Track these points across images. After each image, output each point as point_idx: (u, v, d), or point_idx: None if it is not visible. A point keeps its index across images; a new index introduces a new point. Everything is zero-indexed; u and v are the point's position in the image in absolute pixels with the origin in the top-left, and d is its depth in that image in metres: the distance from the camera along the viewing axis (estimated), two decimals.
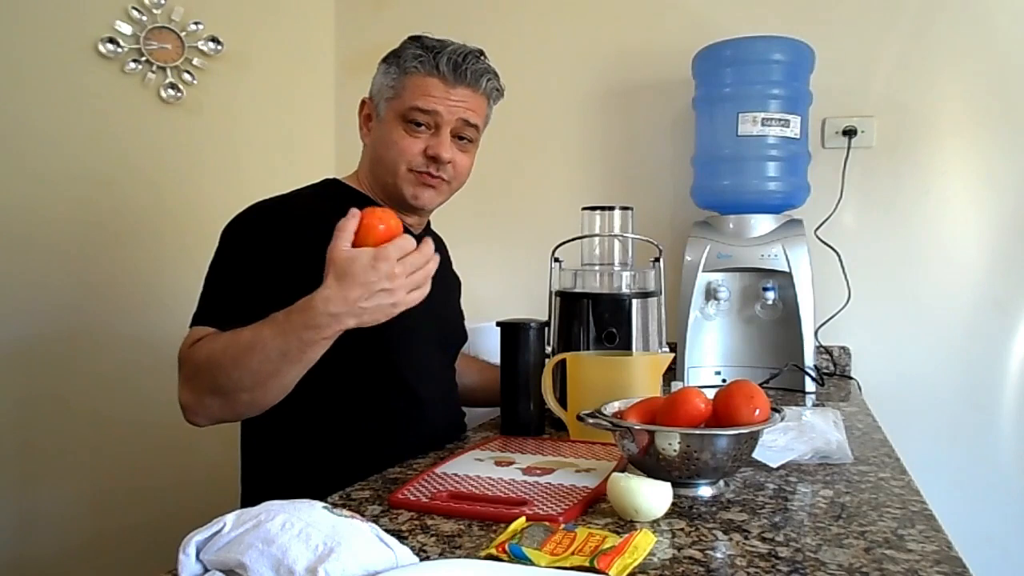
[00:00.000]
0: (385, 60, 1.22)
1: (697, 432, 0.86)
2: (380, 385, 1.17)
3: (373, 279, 0.93)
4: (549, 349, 1.26)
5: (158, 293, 1.86)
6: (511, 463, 1.00)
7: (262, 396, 1.03)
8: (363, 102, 1.25)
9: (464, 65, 1.16)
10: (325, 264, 0.95)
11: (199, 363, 1.02)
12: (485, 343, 1.58)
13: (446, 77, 1.16)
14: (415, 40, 1.19)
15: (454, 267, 1.48)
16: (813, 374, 1.59)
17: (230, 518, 0.61)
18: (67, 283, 1.77)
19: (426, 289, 0.97)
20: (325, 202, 1.20)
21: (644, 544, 0.69)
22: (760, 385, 0.94)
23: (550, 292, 1.31)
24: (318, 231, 1.11)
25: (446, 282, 1.41)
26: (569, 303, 1.28)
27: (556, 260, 1.32)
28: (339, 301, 0.93)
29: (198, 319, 1.10)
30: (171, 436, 1.83)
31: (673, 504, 0.81)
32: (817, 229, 1.81)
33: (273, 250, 1.11)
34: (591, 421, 0.94)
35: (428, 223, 1.36)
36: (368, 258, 0.93)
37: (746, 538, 0.74)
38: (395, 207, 1.23)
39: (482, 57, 1.21)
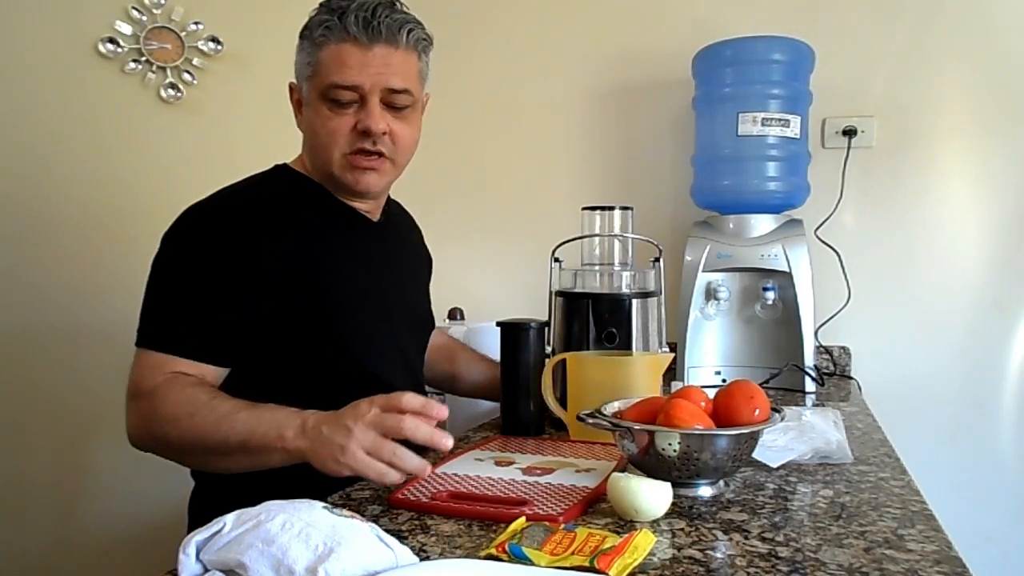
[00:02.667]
0: (300, 37, 1.10)
1: (697, 432, 0.86)
2: (349, 383, 1.08)
3: (346, 412, 0.86)
4: (549, 349, 1.26)
5: None
6: (511, 463, 1.00)
7: (208, 466, 1.03)
8: (291, 88, 1.15)
9: (375, 20, 1.03)
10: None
11: (160, 415, 0.97)
12: (485, 343, 1.58)
13: (358, 39, 1.03)
14: (322, 5, 1.07)
15: (427, 245, 1.41)
16: (813, 374, 1.59)
17: (230, 518, 0.61)
18: (66, 283, 1.77)
19: (381, 464, 0.83)
20: (277, 192, 1.13)
21: (644, 544, 0.69)
22: (760, 385, 0.94)
23: (550, 292, 1.31)
24: (276, 224, 1.07)
25: (413, 264, 1.33)
26: (569, 303, 1.28)
27: (556, 260, 1.32)
28: (315, 416, 0.88)
29: (148, 340, 1.03)
30: None
31: (673, 504, 0.81)
32: (817, 229, 1.81)
33: (226, 258, 1.03)
34: (591, 421, 0.94)
35: (389, 199, 1.27)
36: (356, 407, 0.85)
37: (746, 538, 0.74)
38: (339, 192, 1.15)
39: (396, 6, 1.08)
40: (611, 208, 1.36)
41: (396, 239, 1.28)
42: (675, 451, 0.85)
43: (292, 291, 1.06)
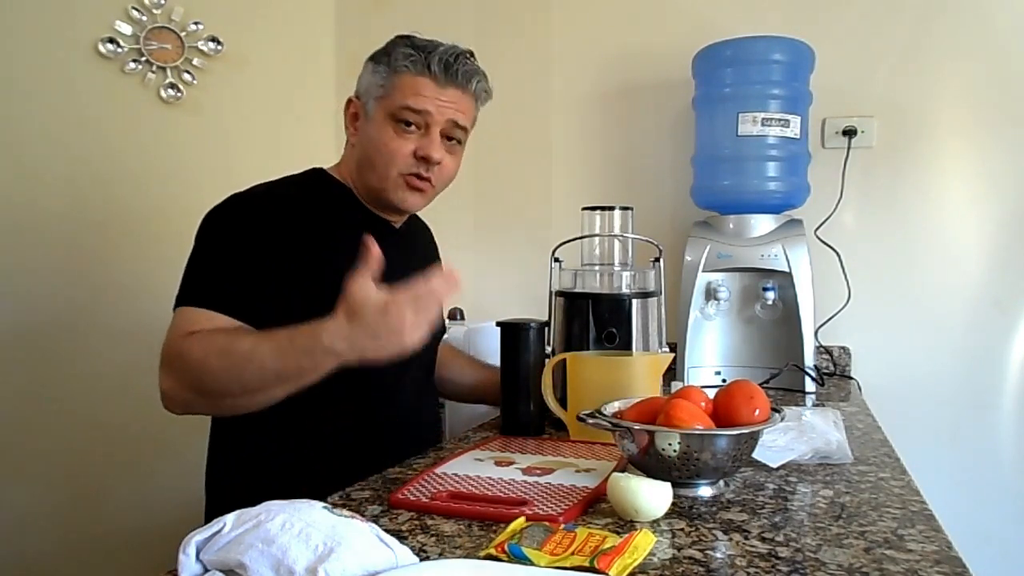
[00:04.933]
0: (373, 59, 1.21)
1: (697, 432, 0.86)
2: (354, 378, 1.10)
3: (382, 327, 0.89)
4: (549, 349, 1.26)
5: (157, 294, 1.85)
6: (511, 463, 1.00)
7: (246, 404, 1.04)
8: (349, 101, 1.24)
9: (455, 65, 1.16)
10: (340, 293, 0.92)
11: (189, 360, 1.01)
12: (485, 343, 1.58)
13: (437, 77, 1.16)
14: (405, 39, 1.19)
15: (441, 257, 1.47)
16: (813, 374, 1.59)
17: (230, 518, 0.61)
18: (65, 283, 1.77)
19: (433, 324, 0.93)
20: (311, 192, 1.21)
21: (644, 544, 0.69)
22: (760, 385, 0.94)
23: (550, 292, 1.31)
24: (305, 220, 1.15)
25: (428, 272, 1.38)
26: (569, 303, 1.28)
27: (556, 260, 1.32)
28: (344, 339, 0.91)
29: (185, 299, 1.09)
30: (169, 437, 1.83)
31: (673, 504, 0.81)
32: (817, 229, 1.81)
33: (261, 238, 1.11)
34: (591, 421, 0.94)
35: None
36: (380, 304, 0.89)
37: (746, 538, 0.74)
38: (379, 207, 1.24)
39: (472, 58, 1.21)
40: (611, 208, 1.36)
41: (415, 247, 1.36)
42: (675, 451, 0.85)
43: (312, 282, 1.11)
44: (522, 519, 0.74)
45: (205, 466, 1.22)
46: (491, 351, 1.44)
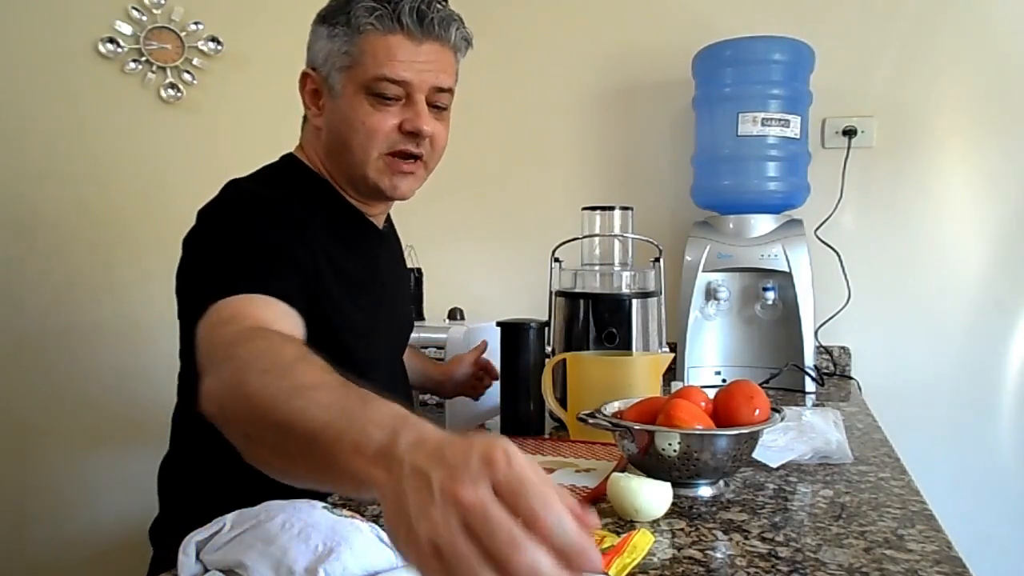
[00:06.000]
0: (325, 21, 1.00)
1: (697, 432, 0.86)
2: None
3: (447, 458, 0.44)
4: (549, 349, 1.26)
5: (157, 294, 1.86)
6: None
7: (252, 451, 0.62)
8: (305, 75, 1.04)
9: (430, 13, 0.97)
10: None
11: (237, 363, 0.68)
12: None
13: (411, 31, 0.97)
14: None
15: (426, 246, 1.42)
16: (813, 374, 1.59)
17: (230, 518, 0.61)
18: (66, 283, 1.77)
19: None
20: (292, 181, 1.07)
21: (643, 543, 0.69)
22: (760, 385, 0.94)
23: (550, 292, 1.31)
24: (295, 207, 0.99)
25: (404, 273, 1.33)
26: (569, 303, 1.28)
27: (556, 260, 1.32)
28: (413, 452, 0.46)
29: (219, 293, 0.83)
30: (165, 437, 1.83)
31: (673, 504, 0.81)
32: (817, 229, 1.81)
33: (270, 224, 0.95)
34: (591, 421, 0.94)
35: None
36: (480, 456, 0.43)
37: (746, 538, 0.74)
38: (362, 196, 1.08)
39: (444, 2, 1.02)
40: (611, 208, 1.36)
41: (394, 248, 1.27)
42: (675, 451, 0.85)
43: (309, 278, 0.98)
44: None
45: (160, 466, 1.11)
46: (491, 351, 1.44)
